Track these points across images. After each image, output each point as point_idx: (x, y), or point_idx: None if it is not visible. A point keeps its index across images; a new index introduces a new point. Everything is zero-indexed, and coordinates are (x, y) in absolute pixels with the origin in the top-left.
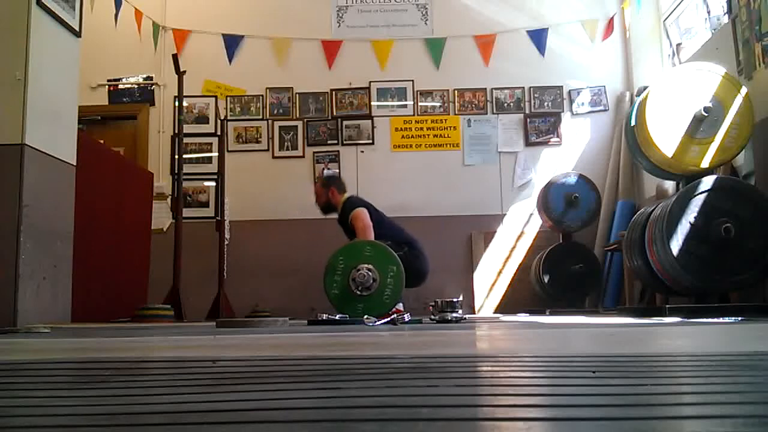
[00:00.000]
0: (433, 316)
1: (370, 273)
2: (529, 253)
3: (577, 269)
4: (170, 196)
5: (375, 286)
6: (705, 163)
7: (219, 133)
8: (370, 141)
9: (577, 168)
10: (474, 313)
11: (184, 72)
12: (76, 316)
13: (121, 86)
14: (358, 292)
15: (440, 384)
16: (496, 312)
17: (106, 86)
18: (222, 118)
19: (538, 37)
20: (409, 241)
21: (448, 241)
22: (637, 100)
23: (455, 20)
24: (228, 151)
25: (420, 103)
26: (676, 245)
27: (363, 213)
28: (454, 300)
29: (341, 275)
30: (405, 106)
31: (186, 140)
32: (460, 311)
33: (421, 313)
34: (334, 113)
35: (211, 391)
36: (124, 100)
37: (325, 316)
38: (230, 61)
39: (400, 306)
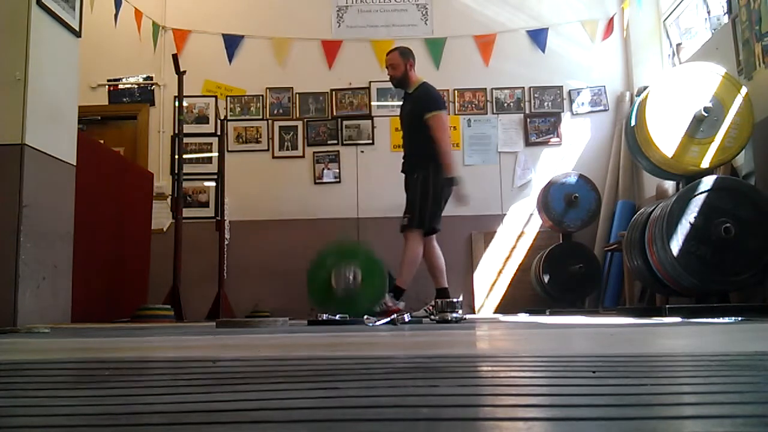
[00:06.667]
0: (433, 317)
1: (352, 277)
2: (529, 253)
3: (577, 269)
4: (170, 196)
5: (353, 290)
6: (705, 163)
7: (219, 133)
8: (370, 141)
9: (577, 168)
10: (474, 314)
11: (184, 72)
12: (76, 316)
13: (121, 86)
14: (336, 290)
15: (440, 384)
16: (496, 312)
17: (106, 86)
18: (222, 118)
19: (538, 37)
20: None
21: (448, 241)
22: (637, 100)
23: (455, 20)
24: (228, 151)
25: None
26: (676, 245)
27: (446, 118)
28: (454, 300)
29: (326, 269)
30: None
31: (186, 140)
32: (460, 311)
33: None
34: (334, 113)
35: (211, 391)
36: (124, 100)
37: (325, 316)
38: (230, 61)
39: (401, 305)
